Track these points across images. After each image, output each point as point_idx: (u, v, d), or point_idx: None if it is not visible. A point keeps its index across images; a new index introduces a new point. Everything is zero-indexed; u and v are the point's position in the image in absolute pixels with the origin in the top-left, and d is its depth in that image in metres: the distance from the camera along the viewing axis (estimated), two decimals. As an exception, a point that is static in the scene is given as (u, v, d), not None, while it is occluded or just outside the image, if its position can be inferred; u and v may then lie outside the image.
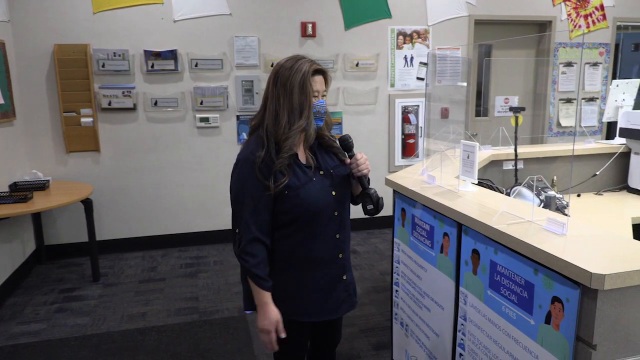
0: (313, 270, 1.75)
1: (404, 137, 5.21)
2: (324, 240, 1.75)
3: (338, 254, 1.80)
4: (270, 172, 1.62)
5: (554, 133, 5.61)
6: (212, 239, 4.91)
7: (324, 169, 1.76)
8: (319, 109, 1.69)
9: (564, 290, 1.35)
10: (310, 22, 4.77)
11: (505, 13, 5.27)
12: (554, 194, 2.86)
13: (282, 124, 1.62)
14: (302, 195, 1.66)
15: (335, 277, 1.81)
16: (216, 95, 4.67)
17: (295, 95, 1.62)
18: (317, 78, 1.68)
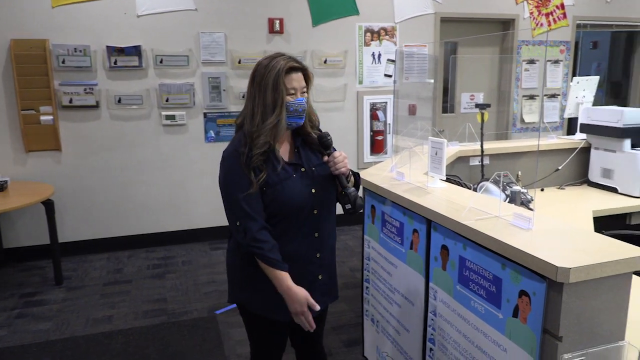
0: (291, 266, 1.73)
1: (373, 134, 5.23)
2: (301, 238, 1.75)
3: (315, 253, 1.80)
4: (252, 170, 1.64)
5: (518, 129, 5.75)
6: (180, 239, 4.83)
7: (306, 167, 1.76)
8: (296, 107, 1.69)
9: (531, 284, 1.38)
10: (278, 18, 4.73)
11: (470, 11, 5.35)
12: (519, 189, 2.93)
13: (256, 121, 1.64)
14: (279, 192, 1.67)
15: (310, 277, 1.80)
16: (182, 92, 4.59)
17: (269, 93, 1.63)
18: (294, 75, 1.68)
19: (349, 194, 1.71)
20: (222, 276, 4.05)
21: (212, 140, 4.75)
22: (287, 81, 1.65)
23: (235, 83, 4.72)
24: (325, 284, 1.86)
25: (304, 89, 1.72)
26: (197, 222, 4.87)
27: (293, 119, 1.72)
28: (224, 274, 4.09)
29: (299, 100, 1.70)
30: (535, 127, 5.82)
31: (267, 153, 1.67)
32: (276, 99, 1.63)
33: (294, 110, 1.69)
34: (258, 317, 1.82)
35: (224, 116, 4.74)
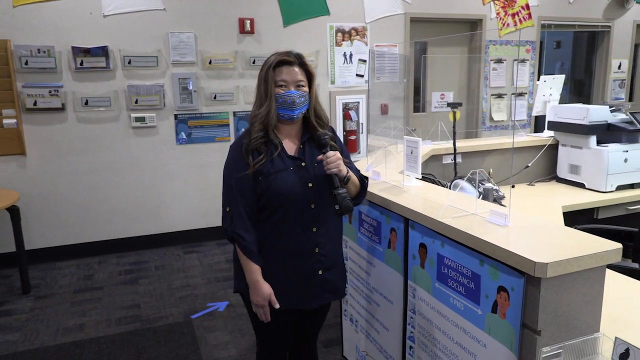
0: (284, 260, 1.79)
1: (345, 134, 5.24)
2: (298, 231, 1.78)
3: (314, 247, 1.81)
4: (252, 152, 1.73)
5: (487, 127, 5.86)
6: (152, 243, 4.73)
7: (307, 161, 1.79)
8: (285, 99, 1.74)
9: (509, 279, 1.40)
10: (248, 19, 4.69)
11: (439, 11, 5.43)
12: (492, 186, 2.98)
13: (254, 110, 1.78)
14: (272, 182, 1.72)
15: (309, 271, 1.82)
16: (152, 93, 4.50)
17: (262, 85, 1.76)
18: (284, 68, 1.76)
19: (337, 194, 1.71)
20: (196, 280, 3.99)
21: (183, 142, 4.68)
22: (276, 74, 1.74)
23: (206, 84, 4.66)
24: (326, 280, 1.86)
25: (299, 83, 1.76)
26: (169, 226, 4.78)
27: (284, 111, 1.76)
28: (199, 277, 4.05)
29: (288, 93, 1.74)
30: (503, 125, 5.94)
31: (265, 139, 1.75)
32: (266, 91, 1.74)
33: (282, 101, 1.74)
34: None
35: (196, 117, 4.68)
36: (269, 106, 1.73)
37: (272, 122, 1.75)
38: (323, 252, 1.83)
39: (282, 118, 1.77)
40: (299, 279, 1.81)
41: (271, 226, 1.77)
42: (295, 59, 1.78)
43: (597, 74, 6.62)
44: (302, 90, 1.76)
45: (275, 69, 1.75)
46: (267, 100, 1.74)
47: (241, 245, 1.75)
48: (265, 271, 1.79)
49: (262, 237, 1.78)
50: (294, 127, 1.83)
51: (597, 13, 6.23)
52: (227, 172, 1.79)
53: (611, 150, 3.29)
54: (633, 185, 3.39)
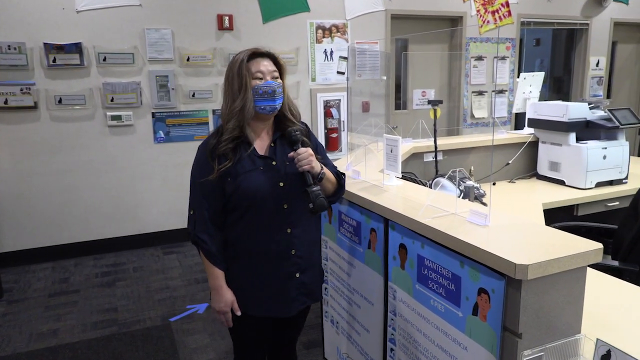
0: (259, 263, 1.74)
1: (327, 132, 5.21)
2: (271, 233, 1.72)
3: (289, 249, 1.75)
4: (218, 157, 1.66)
5: (468, 124, 5.87)
6: (130, 244, 4.63)
7: (278, 160, 1.73)
8: (266, 89, 1.68)
9: (490, 281, 1.37)
10: (227, 15, 4.61)
11: (420, 8, 5.41)
12: (472, 184, 2.97)
13: (227, 108, 1.69)
14: (241, 183, 1.66)
15: (286, 274, 1.77)
16: (128, 91, 4.39)
17: (235, 80, 1.67)
18: (259, 60, 1.71)
19: (310, 192, 1.65)
20: (175, 282, 3.91)
21: (161, 141, 4.58)
22: (251, 65, 1.68)
23: (184, 81, 4.57)
24: (303, 283, 1.81)
25: (274, 73, 1.72)
26: (148, 226, 4.69)
27: (265, 102, 1.69)
28: (178, 279, 3.97)
29: (268, 83, 1.68)
30: (484, 122, 5.96)
31: (237, 141, 1.68)
32: (241, 84, 1.66)
33: (263, 92, 1.68)
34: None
35: (174, 116, 4.59)
36: (245, 99, 1.65)
37: (249, 116, 1.68)
38: (299, 253, 1.77)
39: (262, 111, 1.70)
40: (276, 282, 1.76)
41: (243, 229, 1.71)
42: (267, 51, 1.74)
43: (576, 72, 6.68)
44: (278, 81, 1.72)
45: (248, 61, 1.70)
46: (242, 93, 1.66)
47: (204, 249, 1.71)
48: (240, 277, 1.74)
49: (235, 241, 1.73)
50: (266, 125, 1.77)
51: (575, 11, 6.29)
52: (192, 176, 1.74)
53: (590, 147, 3.30)
54: (612, 182, 3.41)
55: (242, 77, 1.66)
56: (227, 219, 1.73)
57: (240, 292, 1.76)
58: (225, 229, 1.74)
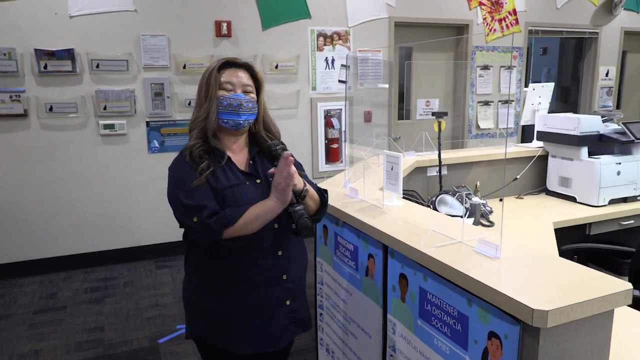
0: (247, 293, 1.55)
1: (327, 142, 5.04)
2: (262, 256, 1.55)
3: (281, 274, 1.59)
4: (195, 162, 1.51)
5: (474, 135, 5.70)
6: (122, 257, 4.47)
7: (261, 177, 1.58)
8: (231, 102, 1.53)
9: (502, 325, 1.20)
10: (225, 21, 4.47)
11: (424, 16, 5.25)
12: (479, 201, 2.80)
13: (192, 117, 1.59)
14: (229, 197, 1.49)
15: (276, 302, 1.59)
16: (122, 99, 4.25)
17: (203, 90, 1.56)
18: (231, 70, 1.57)
19: (293, 212, 1.49)
20: (166, 298, 3.74)
21: (155, 151, 4.43)
22: (222, 75, 1.56)
23: (180, 89, 4.43)
24: (294, 311, 1.65)
25: (247, 87, 1.57)
26: (140, 239, 4.52)
27: (228, 116, 1.54)
28: (169, 295, 3.80)
29: (235, 95, 1.54)
30: (490, 133, 5.78)
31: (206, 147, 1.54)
32: (207, 93, 1.55)
33: (227, 104, 1.54)
34: (219, 352, 1.60)
35: (169, 125, 4.44)
36: (208, 109, 1.53)
37: (211, 127, 1.53)
38: (290, 278, 1.62)
39: (226, 125, 1.55)
40: (265, 313, 1.58)
41: (231, 254, 1.52)
42: (243, 61, 1.61)
43: (585, 82, 6.50)
44: (250, 95, 1.57)
45: (219, 70, 1.56)
46: (207, 103, 1.53)
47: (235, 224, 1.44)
48: (225, 311, 1.56)
49: (221, 270, 1.55)
50: (237, 140, 1.61)
51: (584, 19, 6.12)
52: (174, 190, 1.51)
53: (603, 163, 3.12)
54: (626, 199, 3.22)
55: (210, 86, 1.55)
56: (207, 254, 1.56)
57: (225, 329, 1.58)
58: (206, 257, 1.56)
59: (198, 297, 1.60)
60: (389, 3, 5.08)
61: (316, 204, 1.64)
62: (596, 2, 6.11)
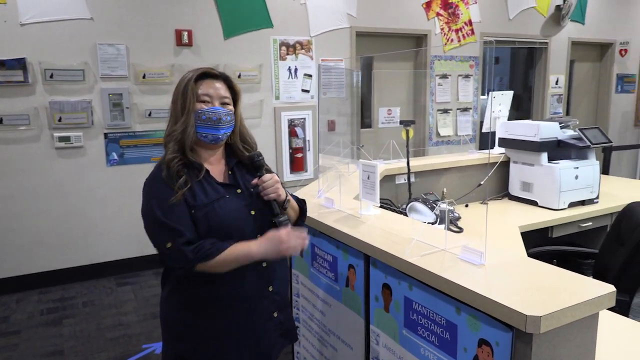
0: (234, 308, 1.50)
1: (292, 151, 5.01)
2: (246, 270, 1.48)
3: (267, 286, 1.54)
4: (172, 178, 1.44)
5: (434, 142, 5.81)
6: (80, 275, 4.27)
7: (242, 188, 1.54)
8: (210, 116, 1.48)
9: (493, 332, 1.20)
10: (186, 30, 4.38)
11: (384, 25, 5.34)
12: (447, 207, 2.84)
13: (167, 130, 1.53)
14: (211, 214, 1.44)
15: (264, 315, 1.55)
16: (78, 110, 4.08)
17: (179, 101, 1.51)
18: (208, 82, 1.52)
19: (279, 222, 1.48)
20: (130, 317, 3.59)
21: (115, 164, 4.27)
22: (198, 87, 1.51)
23: (140, 100, 4.29)
24: (281, 323, 1.61)
25: (224, 99, 1.53)
26: (100, 256, 4.34)
27: (207, 130, 1.50)
28: (133, 313, 3.65)
29: (214, 109, 1.50)
30: (450, 141, 5.91)
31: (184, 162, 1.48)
32: (184, 105, 1.49)
33: (206, 118, 1.49)
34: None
35: (129, 136, 4.29)
36: (186, 122, 1.47)
37: (189, 141, 1.48)
38: (276, 289, 1.58)
39: (204, 139, 1.51)
40: (254, 327, 1.53)
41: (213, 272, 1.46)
42: (219, 73, 1.56)
43: (537, 89, 6.77)
44: (228, 108, 1.53)
45: (196, 81, 1.51)
46: (184, 116, 1.48)
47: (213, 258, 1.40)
48: (212, 330, 1.49)
49: (206, 288, 1.48)
50: (214, 153, 1.57)
51: (535, 30, 6.38)
52: (149, 210, 1.45)
53: (562, 167, 3.24)
54: (584, 202, 3.35)
55: (187, 98, 1.49)
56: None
57: (214, 348, 1.51)
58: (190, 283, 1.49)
59: (182, 315, 1.53)
60: (350, 13, 5.13)
61: (296, 214, 1.64)
62: (545, 13, 6.39)
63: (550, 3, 6.41)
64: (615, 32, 7.17)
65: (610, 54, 7.22)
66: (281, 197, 1.50)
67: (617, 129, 7.47)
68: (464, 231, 2.85)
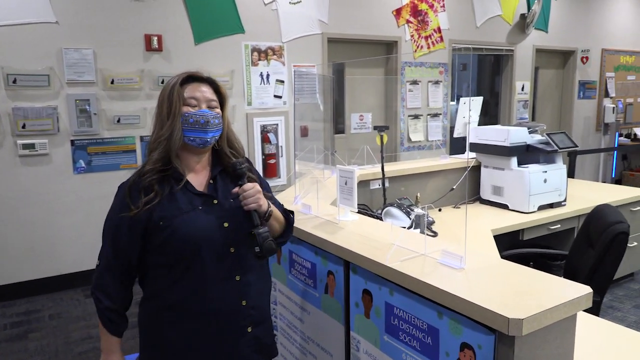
0: (203, 321, 1.45)
1: (265, 158, 4.98)
2: (217, 283, 1.45)
3: (240, 300, 1.48)
4: (139, 192, 1.42)
5: (406, 148, 5.87)
6: (45, 287, 4.12)
7: (220, 198, 1.48)
8: (197, 119, 1.44)
9: (475, 336, 1.21)
10: (156, 35, 4.31)
11: (356, 32, 5.38)
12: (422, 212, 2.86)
13: (153, 137, 1.48)
14: (178, 226, 1.40)
15: (236, 331, 1.49)
16: (43, 117, 3.95)
17: (164, 105, 1.46)
18: (195, 85, 1.48)
19: (258, 234, 1.41)
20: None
21: (82, 171, 4.15)
22: (185, 90, 1.47)
23: (108, 106, 4.19)
24: (257, 338, 1.54)
25: (211, 102, 1.49)
26: (67, 266, 4.20)
27: (195, 133, 1.45)
28: (103, 326, 3.54)
29: (201, 112, 1.46)
30: (421, 146, 5.99)
31: (164, 173, 1.44)
32: (170, 109, 1.45)
33: (194, 122, 1.45)
34: None
35: (97, 143, 4.18)
36: (172, 126, 1.43)
37: (175, 146, 1.44)
38: (251, 304, 1.51)
39: (192, 143, 1.46)
40: (225, 343, 1.48)
41: (184, 286, 1.43)
42: (205, 76, 1.53)
43: (504, 95, 6.93)
44: (215, 111, 1.49)
45: (182, 85, 1.47)
46: (171, 119, 1.43)
47: (98, 309, 1.48)
48: (182, 346, 1.45)
49: (174, 303, 1.44)
50: (201, 159, 1.52)
51: (501, 37, 6.54)
52: (106, 222, 1.51)
53: (532, 171, 3.32)
54: (552, 205, 3.44)
55: (173, 102, 1.45)
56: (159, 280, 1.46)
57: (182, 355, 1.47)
58: (162, 292, 1.46)
59: (154, 324, 1.49)
60: (322, 19, 5.15)
61: (281, 226, 1.58)
62: (510, 21, 6.56)
63: (516, 11, 6.59)
64: (577, 40, 7.42)
65: (573, 61, 7.47)
66: (262, 207, 1.45)
67: (580, 134, 7.72)
68: (439, 235, 2.88)
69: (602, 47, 7.78)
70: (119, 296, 1.48)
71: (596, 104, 7.89)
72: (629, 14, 8.10)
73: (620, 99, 8.16)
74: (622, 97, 8.21)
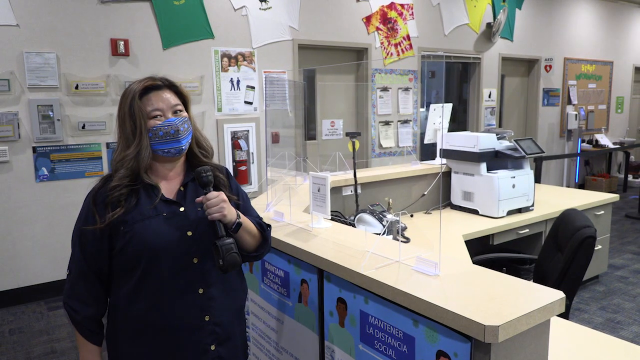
0: (161, 337, 1.38)
1: (235, 164, 4.92)
2: (177, 296, 1.38)
3: (203, 316, 1.41)
4: (106, 206, 1.37)
5: (377, 154, 5.90)
6: (6, 301, 3.94)
7: (187, 206, 1.43)
8: (167, 130, 1.39)
9: (451, 343, 1.20)
10: (122, 39, 4.21)
11: (326, 39, 5.38)
12: (394, 218, 2.86)
13: (118, 154, 1.41)
14: (137, 232, 1.36)
15: (197, 349, 1.41)
16: (3, 123, 3.79)
17: (127, 122, 1.40)
18: (155, 95, 1.42)
19: (221, 245, 1.34)
20: (63, 344, 3.35)
21: (45, 179, 4.00)
22: (145, 104, 1.41)
23: (73, 111, 4.06)
24: (220, 357, 1.45)
25: (176, 107, 1.44)
26: (28, 279, 4.03)
27: (169, 145, 1.40)
28: (67, 339, 3.41)
29: (169, 121, 1.40)
30: (392, 152, 6.03)
31: (132, 187, 1.40)
32: (134, 127, 1.39)
33: (164, 134, 1.39)
34: None
35: (60, 150, 4.04)
36: (139, 145, 1.37)
37: (143, 164, 1.39)
38: (216, 320, 1.43)
39: (167, 154, 1.41)
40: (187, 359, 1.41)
41: (141, 293, 1.37)
42: (162, 81, 1.45)
43: (472, 102, 7.06)
44: (182, 115, 1.44)
45: (141, 98, 1.40)
46: (137, 138, 1.38)
47: (73, 319, 1.41)
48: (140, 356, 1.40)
49: (132, 316, 1.38)
50: (175, 166, 1.47)
51: (468, 45, 6.67)
52: (74, 230, 1.44)
53: (501, 177, 3.37)
54: (520, 209, 3.50)
55: (135, 119, 1.39)
56: (120, 289, 1.40)
57: None
58: (121, 304, 1.40)
59: (112, 339, 1.44)
60: (292, 26, 5.14)
61: (255, 240, 1.51)
62: (477, 30, 6.70)
63: (482, 20, 6.74)
64: (540, 49, 7.64)
65: (537, 69, 7.67)
66: (227, 217, 1.38)
67: (545, 140, 7.92)
68: (411, 241, 2.89)
69: (564, 56, 8.03)
70: (95, 301, 1.42)
71: (559, 111, 8.12)
72: (589, 24, 8.39)
73: (582, 106, 8.43)
74: (583, 105, 8.49)
